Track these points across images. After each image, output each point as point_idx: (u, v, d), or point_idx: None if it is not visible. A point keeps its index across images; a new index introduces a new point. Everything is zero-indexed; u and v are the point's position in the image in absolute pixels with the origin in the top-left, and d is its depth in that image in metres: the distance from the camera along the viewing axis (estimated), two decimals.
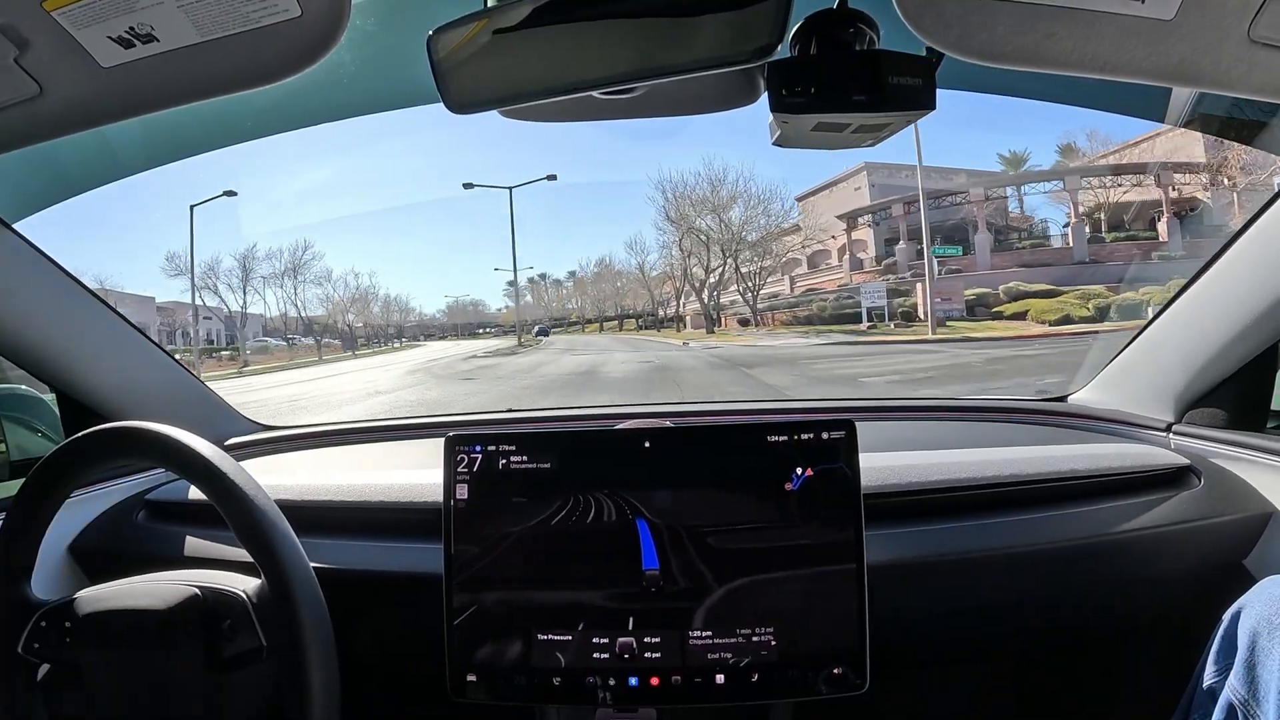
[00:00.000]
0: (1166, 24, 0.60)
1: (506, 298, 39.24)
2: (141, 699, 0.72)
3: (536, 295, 39.49)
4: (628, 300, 32.76)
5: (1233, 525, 0.96)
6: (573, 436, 0.85)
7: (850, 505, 0.80)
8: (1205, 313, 1.05)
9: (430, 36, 0.63)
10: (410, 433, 1.37)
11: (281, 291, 27.03)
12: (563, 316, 37.84)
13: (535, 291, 39.47)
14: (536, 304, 38.98)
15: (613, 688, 0.79)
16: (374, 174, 36.19)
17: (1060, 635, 1.05)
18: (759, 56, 0.58)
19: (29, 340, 1.06)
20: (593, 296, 34.83)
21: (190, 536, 1.01)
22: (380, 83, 1.08)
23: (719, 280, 25.11)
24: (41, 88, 0.69)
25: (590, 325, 35.89)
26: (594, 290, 34.72)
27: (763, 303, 24.23)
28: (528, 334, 32.60)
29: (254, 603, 0.73)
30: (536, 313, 37.69)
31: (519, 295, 37.42)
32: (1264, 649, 0.69)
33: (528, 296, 39.07)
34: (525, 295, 38.70)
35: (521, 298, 38.14)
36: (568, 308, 37.60)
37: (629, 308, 33.52)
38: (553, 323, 36.50)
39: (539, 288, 39.13)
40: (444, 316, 38.67)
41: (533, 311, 37.80)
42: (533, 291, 39.30)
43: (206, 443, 0.76)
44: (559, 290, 38.07)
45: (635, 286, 31.57)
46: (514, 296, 38.44)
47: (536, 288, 39.10)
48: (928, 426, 1.32)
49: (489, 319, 38.46)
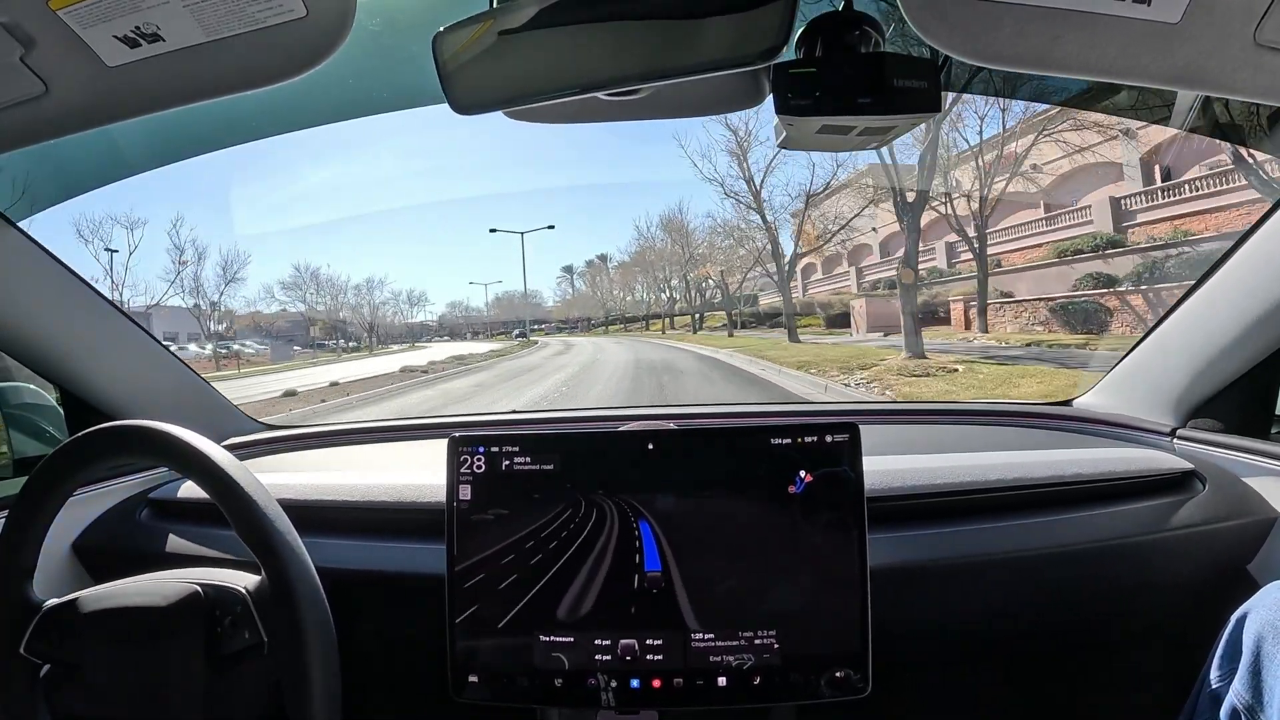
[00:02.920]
0: (1172, 27, 0.60)
1: (563, 284, 35.35)
2: (143, 696, 0.72)
3: (593, 281, 33.73)
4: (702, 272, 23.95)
5: (1236, 530, 0.96)
6: (576, 438, 0.85)
7: (854, 508, 0.79)
8: (1210, 318, 1.04)
9: (436, 37, 0.63)
10: (413, 433, 1.37)
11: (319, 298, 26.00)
12: (579, 317, 33.66)
13: (592, 277, 33.74)
14: (592, 292, 33.79)
15: (614, 689, 0.79)
16: (386, 172, 35.09)
17: (1063, 639, 1.05)
18: (765, 59, 0.58)
19: (33, 338, 1.06)
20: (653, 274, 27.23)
21: (193, 535, 1.01)
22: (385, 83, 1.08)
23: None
24: (47, 86, 0.69)
25: (611, 325, 30.27)
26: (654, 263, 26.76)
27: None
28: (506, 336, 29.86)
29: (255, 599, 0.73)
30: (590, 306, 33.45)
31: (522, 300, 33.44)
32: (1269, 654, 0.69)
33: (580, 284, 34.54)
34: (578, 284, 34.42)
35: (574, 288, 34.38)
36: (618, 299, 31.67)
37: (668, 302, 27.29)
38: (560, 325, 33.65)
39: (597, 271, 33.15)
40: (490, 311, 34.81)
41: (585, 304, 33.73)
42: (589, 277, 33.94)
43: (209, 442, 0.76)
44: (619, 274, 31.42)
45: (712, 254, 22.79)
46: (565, 288, 34.64)
47: (595, 271, 33.31)
48: (931, 430, 1.32)
49: (543, 315, 34.25)
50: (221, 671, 0.73)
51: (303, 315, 25.95)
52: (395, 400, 11.42)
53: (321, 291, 25.97)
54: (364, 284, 27.04)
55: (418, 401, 11.03)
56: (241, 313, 23.51)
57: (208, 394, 1.36)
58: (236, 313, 22.92)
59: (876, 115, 0.66)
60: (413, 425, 1.41)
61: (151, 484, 1.15)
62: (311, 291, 25.63)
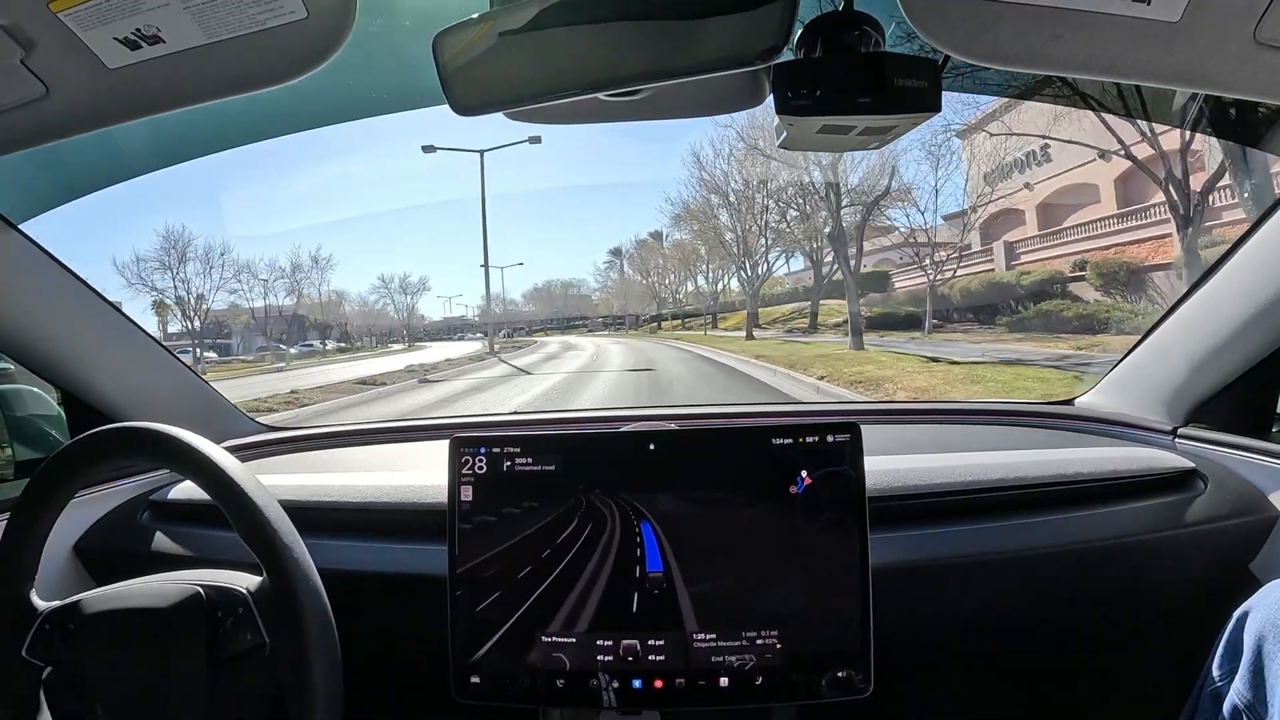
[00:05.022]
0: (1172, 26, 0.60)
1: (610, 269, 28.69)
2: (144, 698, 0.72)
3: (643, 261, 26.49)
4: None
5: (1238, 529, 0.96)
6: (577, 439, 0.85)
7: (855, 508, 0.79)
8: (1211, 317, 1.04)
9: (436, 38, 0.63)
10: (414, 434, 1.37)
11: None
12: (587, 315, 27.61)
13: (642, 257, 26.47)
14: (642, 278, 26.95)
15: (616, 690, 0.79)
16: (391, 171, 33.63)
17: (1065, 638, 1.05)
18: (765, 59, 0.58)
19: (34, 340, 1.06)
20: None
21: (194, 537, 1.01)
22: (386, 85, 1.08)
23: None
24: (48, 89, 0.69)
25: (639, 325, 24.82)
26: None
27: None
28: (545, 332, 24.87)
29: (256, 601, 0.73)
30: (639, 296, 26.81)
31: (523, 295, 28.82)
32: (1270, 654, 0.69)
33: (627, 269, 27.83)
34: (620, 270, 27.89)
35: (622, 273, 27.84)
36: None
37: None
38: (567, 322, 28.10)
39: (649, 251, 26.01)
40: (530, 305, 29.51)
41: (634, 294, 27.13)
42: (637, 259, 26.85)
43: (210, 443, 0.76)
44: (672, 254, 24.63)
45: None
46: (606, 275, 28.43)
47: (646, 250, 26.23)
48: (933, 429, 1.32)
49: (588, 309, 28.45)
50: (223, 673, 0.73)
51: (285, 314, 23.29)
52: None
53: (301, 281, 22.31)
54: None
55: None
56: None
57: (208, 395, 1.36)
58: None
59: (876, 115, 0.66)
60: (414, 426, 1.41)
61: (153, 486, 1.15)
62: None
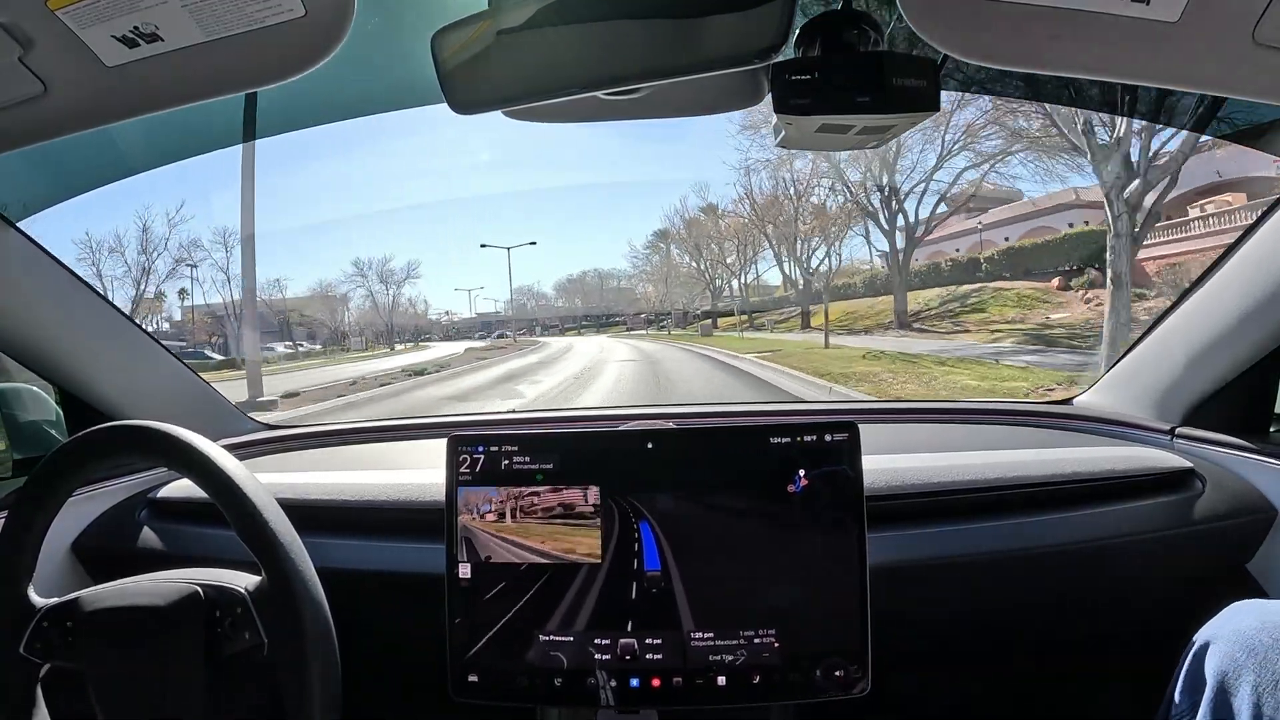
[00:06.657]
0: (1170, 26, 0.60)
1: (652, 254, 22.69)
2: (142, 697, 0.72)
3: (694, 242, 20.63)
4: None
5: (1236, 529, 0.96)
6: (575, 437, 0.85)
7: (853, 507, 0.79)
8: (1209, 317, 1.04)
9: (434, 36, 0.63)
10: (413, 433, 1.37)
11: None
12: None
13: (694, 238, 20.55)
14: (695, 263, 21.23)
15: (614, 688, 0.79)
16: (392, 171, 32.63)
17: (1063, 637, 1.05)
18: (764, 58, 0.58)
19: (32, 338, 1.06)
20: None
21: (193, 535, 1.01)
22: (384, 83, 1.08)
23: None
24: (46, 87, 0.69)
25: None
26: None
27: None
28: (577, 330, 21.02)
29: (255, 600, 0.73)
30: (691, 286, 21.23)
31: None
32: (1232, 687, 0.67)
33: (674, 252, 21.97)
34: (666, 253, 22.05)
35: (670, 259, 21.93)
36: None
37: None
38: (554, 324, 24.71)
39: (700, 231, 20.22)
40: (560, 298, 25.80)
41: (684, 284, 21.48)
42: (688, 241, 20.93)
43: (208, 441, 0.76)
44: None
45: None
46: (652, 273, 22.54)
47: (698, 229, 20.31)
48: (931, 429, 1.32)
49: (629, 304, 23.73)
50: (221, 672, 0.73)
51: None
52: None
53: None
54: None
55: None
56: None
57: (207, 394, 1.36)
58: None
59: (875, 114, 0.66)
60: (412, 425, 1.41)
61: (151, 484, 1.15)
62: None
